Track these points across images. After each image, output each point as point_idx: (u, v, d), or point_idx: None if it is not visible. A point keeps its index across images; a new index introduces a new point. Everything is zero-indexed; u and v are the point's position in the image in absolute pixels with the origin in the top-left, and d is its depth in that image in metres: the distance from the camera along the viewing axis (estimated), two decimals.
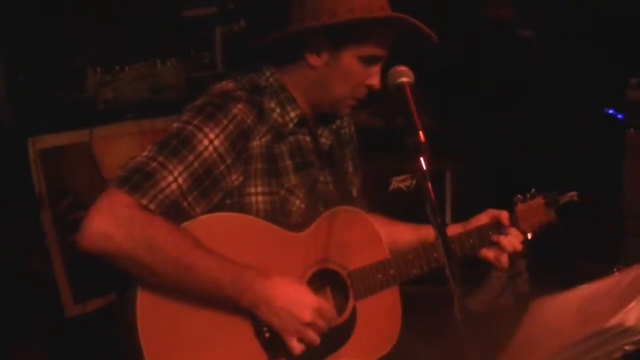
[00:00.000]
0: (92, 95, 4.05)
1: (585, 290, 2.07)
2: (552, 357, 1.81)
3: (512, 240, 2.51)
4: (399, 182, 4.14)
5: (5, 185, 3.75)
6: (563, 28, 4.39)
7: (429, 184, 1.88)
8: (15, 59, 3.85)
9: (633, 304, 1.70)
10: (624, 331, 1.66)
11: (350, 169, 2.59)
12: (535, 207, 2.64)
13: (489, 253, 2.54)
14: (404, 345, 2.42)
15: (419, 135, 1.92)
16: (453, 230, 2.54)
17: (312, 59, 2.28)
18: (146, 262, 1.96)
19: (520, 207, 2.61)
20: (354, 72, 2.28)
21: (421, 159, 1.91)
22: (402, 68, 2.09)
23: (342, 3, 2.20)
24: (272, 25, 2.32)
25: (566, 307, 2.08)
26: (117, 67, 4.11)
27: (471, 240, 2.51)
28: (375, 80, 2.29)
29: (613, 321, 1.68)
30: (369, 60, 2.27)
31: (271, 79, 2.33)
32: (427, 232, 2.53)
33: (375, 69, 2.30)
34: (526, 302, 2.30)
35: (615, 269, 2.15)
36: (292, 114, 2.32)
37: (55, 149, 3.91)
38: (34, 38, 3.89)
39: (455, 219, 2.65)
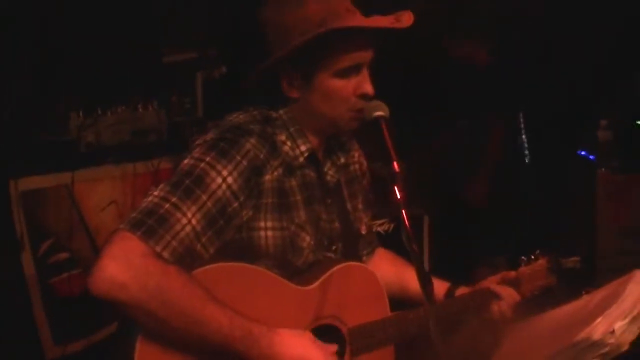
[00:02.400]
0: (74, 138, 4.06)
1: (556, 313, 2.14)
2: None
3: (512, 292, 2.53)
4: (378, 226, 4.19)
5: None
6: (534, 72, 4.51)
7: (404, 211, 1.91)
8: None
9: (600, 319, 1.76)
10: (591, 345, 1.72)
11: (360, 206, 2.53)
12: (538, 270, 2.63)
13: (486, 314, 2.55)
14: None
15: (393, 166, 1.97)
16: (462, 293, 2.58)
17: (290, 92, 2.21)
18: (158, 315, 1.93)
19: (523, 269, 2.60)
20: (335, 89, 2.18)
21: (395, 188, 1.94)
22: (377, 102, 2.14)
23: (296, 28, 2.13)
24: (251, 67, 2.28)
25: (539, 328, 2.14)
26: (99, 111, 4.14)
27: (473, 302, 2.52)
28: (365, 88, 2.18)
29: (581, 336, 1.74)
30: (346, 73, 2.17)
31: (281, 112, 2.26)
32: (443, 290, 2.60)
33: (361, 77, 2.19)
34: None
35: (584, 292, 2.21)
36: (303, 148, 2.26)
37: (37, 191, 3.93)
38: (17, 81, 3.92)
39: (434, 264, 2.69)
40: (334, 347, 2.20)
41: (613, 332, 1.70)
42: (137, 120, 4.25)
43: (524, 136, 4.74)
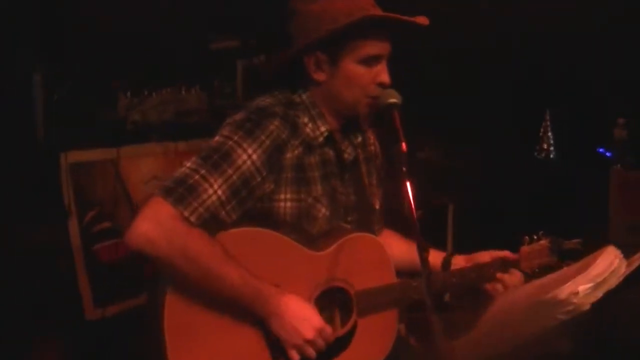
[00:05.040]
0: (121, 116, 4.23)
1: (538, 281, 2.34)
2: (498, 327, 2.07)
3: (515, 280, 2.63)
4: None
5: (38, 194, 3.92)
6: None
7: (408, 185, 2.11)
8: (52, 81, 4.03)
9: (569, 283, 1.97)
10: (557, 303, 1.92)
11: (375, 182, 2.73)
12: (538, 250, 2.72)
13: (489, 286, 2.67)
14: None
15: (401, 146, 2.19)
16: (457, 261, 2.73)
17: (317, 76, 2.42)
18: (182, 269, 2.18)
19: (524, 248, 2.71)
20: (358, 75, 2.38)
21: (402, 165, 2.16)
22: (392, 91, 2.36)
23: (326, 16, 2.33)
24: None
25: (520, 294, 2.34)
26: (146, 92, 4.30)
27: (473, 275, 2.65)
28: (384, 77, 2.39)
29: (549, 295, 1.95)
30: (368, 61, 2.37)
31: (304, 96, 2.47)
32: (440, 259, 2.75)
33: (380, 67, 2.40)
34: None
35: (564, 265, 2.40)
36: (323, 129, 2.45)
37: (85, 164, 4.10)
38: (70, 62, 4.10)
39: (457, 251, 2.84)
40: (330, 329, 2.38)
41: (577, 293, 1.92)
42: (181, 102, 4.42)
43: (550, 133, 4.91)
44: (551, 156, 4.90)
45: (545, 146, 4.93)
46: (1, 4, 3.74)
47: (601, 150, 4.43)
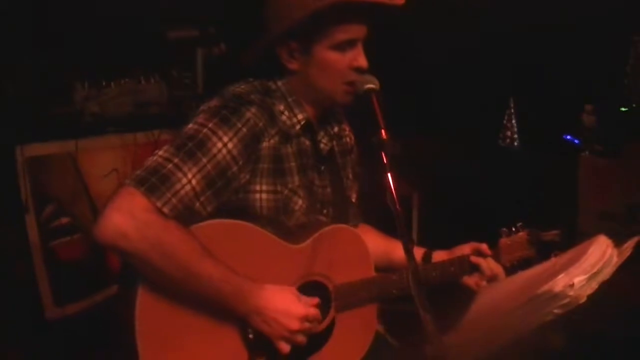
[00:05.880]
0: (79, 108, 4.15)
1: (526, 273, 2.27)
2: (493, 326, 2.00)
3: (492, 265, 2.61)
4: None
5: None
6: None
7: (389, 175, 2.04)
8: (6, 71, 3.95)
9: (562, 275, 1.90)
10: (553, 296, 1.85)
11: (350, 176, 2.66)
12: (518, 242, 2.69)
13: (470, 280, 2.64)
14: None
15: (381, 133, 2.10)
16: (438, 257, 2.67)
17: (290, 65, 2.34)
18: (157, 265, 2.06)
19: (503, 241, 2.68)
20: (333, 62, 2.30)
21: (382, 153, 2.07)
22: (369, 76, 2.27)
23: (295, 4, 2.24)
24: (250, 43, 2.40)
25: (508, 286, 2.28)
26: (104, 83, 4.23)
27: (452, 268, 2.60)
28: (360, 61, 2.31)
29: (543, 288, 1.88)
30: (342, 46, 2.29)
31: (279, 83, 2.39)
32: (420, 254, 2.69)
33: (356, 51, 2.32)
34: None
35: (552, 255, 2.35)
36: (300, 116, 2.38)
37: (42, 158, 4.02)
38: (26, 53, 4.00)
39: (422, 241, 2.79)
40: (315, 300, 2.31)
41: (573, 285, 1.85)
42: (139, 93, 4.35)
43: (514, 120, 4.88)
44: (515, 144, 4.87)
45: (509, 134, 4.90)
46: None
47: (568, 137, 4.41)
